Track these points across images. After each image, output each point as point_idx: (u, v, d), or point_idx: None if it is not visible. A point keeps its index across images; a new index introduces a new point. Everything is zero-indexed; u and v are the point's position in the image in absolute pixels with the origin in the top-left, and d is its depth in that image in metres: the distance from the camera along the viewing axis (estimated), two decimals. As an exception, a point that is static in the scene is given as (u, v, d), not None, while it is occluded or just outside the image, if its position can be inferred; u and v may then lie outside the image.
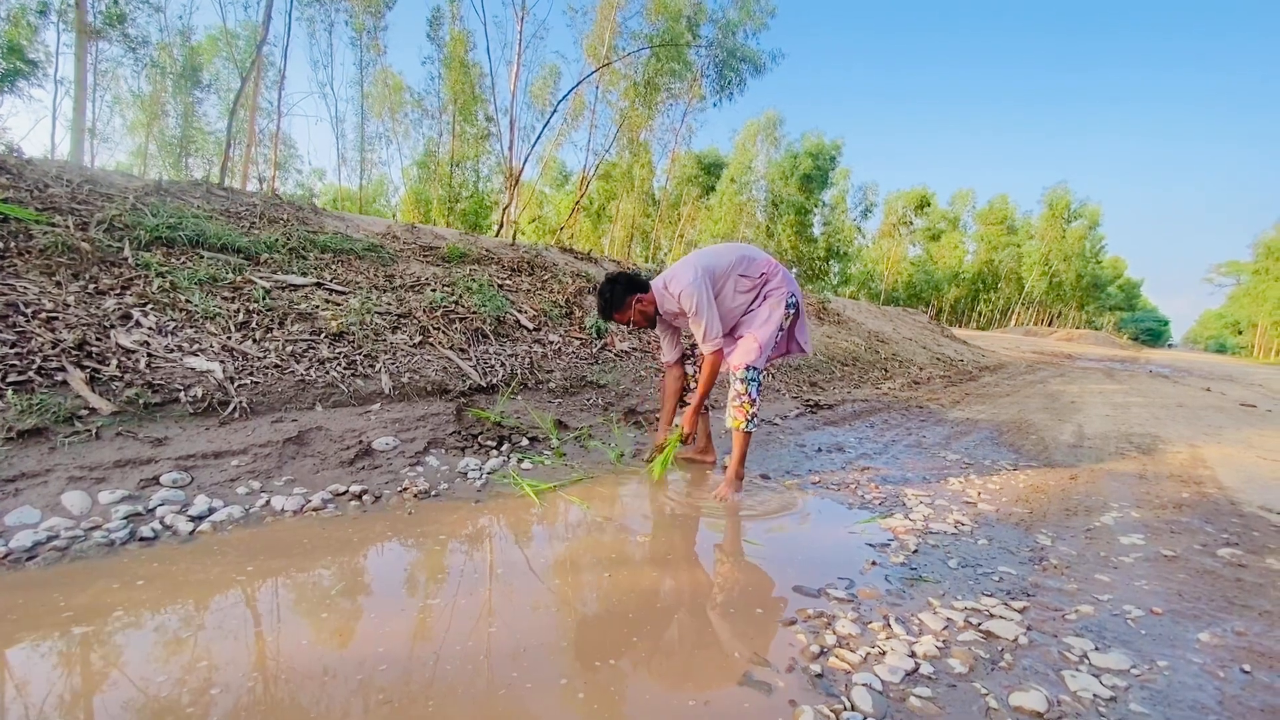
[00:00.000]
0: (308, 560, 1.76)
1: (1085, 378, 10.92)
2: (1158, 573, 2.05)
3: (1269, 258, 38.77)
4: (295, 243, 4.28)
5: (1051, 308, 56.40)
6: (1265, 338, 44.96)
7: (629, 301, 2.72)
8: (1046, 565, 2.07)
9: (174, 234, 3.62)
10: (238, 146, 18.96)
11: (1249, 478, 3.46)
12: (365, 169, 26.65)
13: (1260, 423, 5.97)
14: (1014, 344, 23.82)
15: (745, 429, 2.61)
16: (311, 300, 3.67)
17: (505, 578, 1.76)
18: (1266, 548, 2.34)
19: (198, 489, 2.10)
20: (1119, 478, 3.32)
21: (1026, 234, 52.69)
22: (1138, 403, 7.16)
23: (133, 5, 14.84)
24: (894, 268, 47.38)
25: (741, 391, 2.61)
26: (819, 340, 8.77)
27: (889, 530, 2.33)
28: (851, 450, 3.64)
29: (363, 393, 3.10)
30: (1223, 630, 1.66)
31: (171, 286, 3.21)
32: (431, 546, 1.93)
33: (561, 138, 21.87)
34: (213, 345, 2.92)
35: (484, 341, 4.18)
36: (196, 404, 2.54)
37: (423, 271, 4.87)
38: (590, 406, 3.88)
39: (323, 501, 2.15)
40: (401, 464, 2.57)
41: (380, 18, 23.93)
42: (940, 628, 1.58)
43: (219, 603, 1.51)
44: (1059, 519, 2.57)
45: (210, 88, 22.83)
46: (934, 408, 5.66)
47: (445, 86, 22.72)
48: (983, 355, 14.85)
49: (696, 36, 17.50)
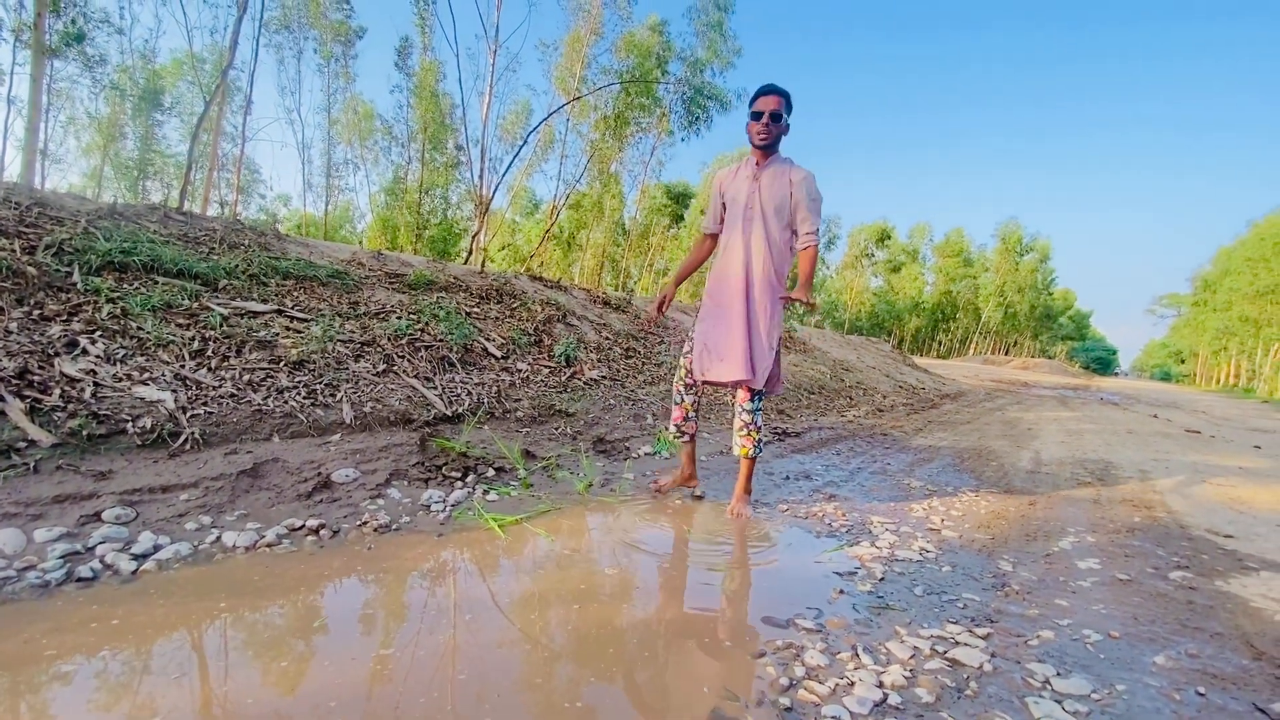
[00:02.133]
0: (259, 599, 1.68)
1: (1041, 405, 11.28)
2: (1114, 596, 2.10)
3: (1206, 290, 40.98)
4: (256, 269, 4.18)
5: (1007, 337, 58.48)
6: (1206, 366, 47.24)
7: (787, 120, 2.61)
8: (1008, 590, 2.11)
9: (127, 259, 3.51)
10: (199, 170, 18.59)
11: (1196, 502, 3.60)
12: (331, 195, 26.40)
13: (1205, 448, 6.23)
14: (973, 372, 24.54)
15: (754, 454, 2.71)
16: (271, 327, 3.58)
17: (468, 615, 1.70)
18: (1214, 570, 2.42)
19: (143, 525, 2.00)
20: (1075, 503, 3.42)
21: (982, 266, 54.91)
22: (1090, 429, 7.41)
23: (92, 25, 14.60)
24: (857, 298, 48.69)
25: (749, 421, 2.66)
26: (786, 369, 8.90)
27: (856, 558, 2.35)
28: (818, 478, 3.67)
29: (323, 423, 3.02)
30: (1177, 653, 1.71)
31: (122, 313, 3.10)
32: (391, 583, 1.87)
33: (532, 168, 22.12)
34: (165, 374, 2.81)
35: (450, 370, 4.12)
36: (145, 435, 2.43)
37: (388, 299, 4.81)
38: (558, 435, 3.84)
39: (277, 537, 2.06)
40: (362, 497, 2.49)
41: (350, 46, 24.01)
42: (907, 656, 1.59)
43: (159, 647, 1.42)
44: (1019, 544, 2.62)
45: (172, 110, 22.47)
46: (897, 435, 5.76)
47: (415, 115, 22.80)
48: (943, 383, 15.24)
49: (665, 73, 17.99)
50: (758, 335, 2.60)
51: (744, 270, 2.60)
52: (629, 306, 8.10)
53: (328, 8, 22.55)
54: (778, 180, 2.57)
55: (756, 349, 2.60)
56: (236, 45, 9.17)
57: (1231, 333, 35.94)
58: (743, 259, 2.60)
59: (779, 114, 2.52)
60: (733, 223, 2.67)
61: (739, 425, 2.69)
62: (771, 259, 2.58)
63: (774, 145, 2.58)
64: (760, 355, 2.60)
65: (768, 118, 2.52)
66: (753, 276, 2.59)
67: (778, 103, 2.52)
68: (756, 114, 2.54)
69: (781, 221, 2.58)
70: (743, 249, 2.60)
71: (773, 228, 2.57)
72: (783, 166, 2.59)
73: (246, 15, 9.83)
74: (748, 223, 2.60)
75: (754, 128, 2.55)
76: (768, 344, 2.60)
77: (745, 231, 2.61)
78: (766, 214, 2.57)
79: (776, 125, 2.54)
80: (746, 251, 2.60)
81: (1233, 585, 2.27)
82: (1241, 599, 2.14)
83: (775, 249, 2.59)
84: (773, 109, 2.51)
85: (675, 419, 2.90)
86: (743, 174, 2.67)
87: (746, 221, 2.61)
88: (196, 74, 20.07)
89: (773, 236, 2.58)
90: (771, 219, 2.57)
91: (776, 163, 2.60)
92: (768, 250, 2.58)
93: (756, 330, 2.60)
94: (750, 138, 2.59)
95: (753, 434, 2.67)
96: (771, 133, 2.54)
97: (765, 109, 2.52)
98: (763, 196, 2.58)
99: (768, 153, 2.60)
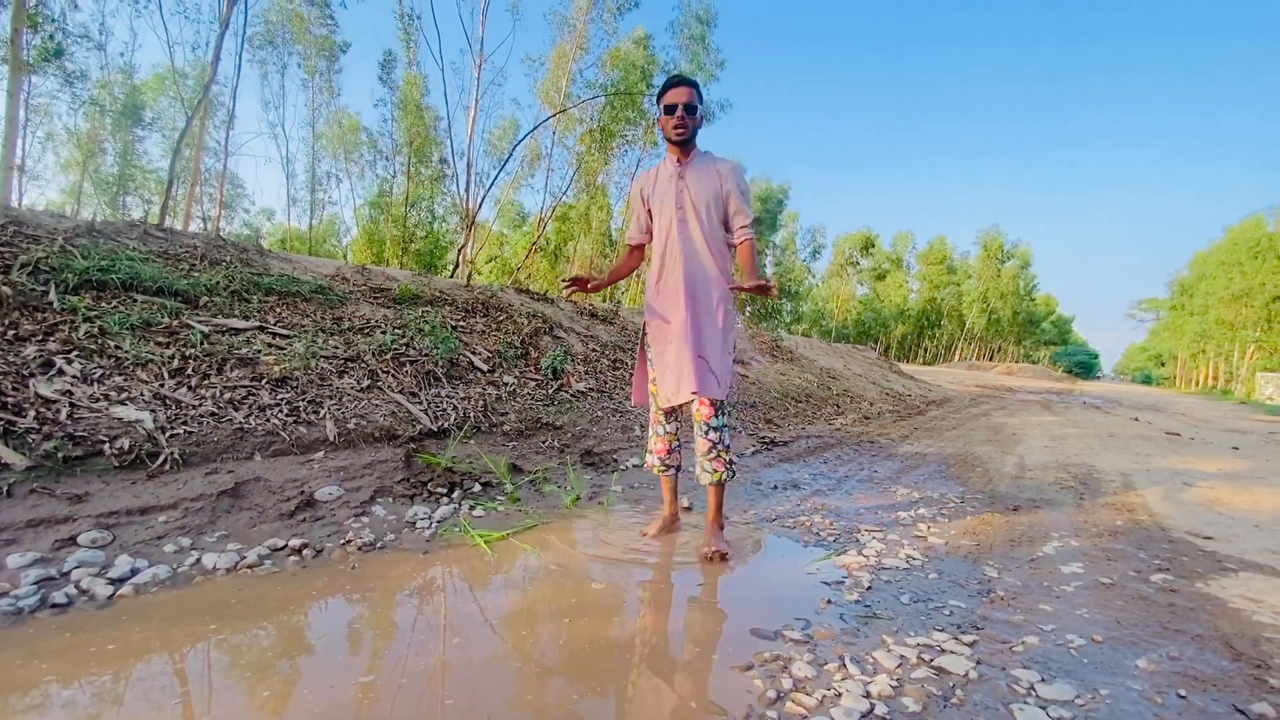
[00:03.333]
0: (239, 623, 1.65)
1: (1025, 410, 11.41)
2: (1097, 600, 2.12)
3: (1183, 295, 41.79)
4: (238, 285, 4.15)
5: (991, 343, 59.18)
6: (1185, 369, 48.09)
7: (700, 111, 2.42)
8: (994, 597, 2.12)
9: (105, 277, 3.47)
10: (181, 185, 18.43)
11: (1176, 504, 3.65)
12: (316, 209, 26.28)
13: (1185, 450, 6.33)
14: (959, 378, 24.79)
15: (726, 479, 2.43)
16: (253, 345, 3.54)
17: (455, 633, 1.69)
18: (1194, 572, 2.46)
19: (120, 548, 1.96)
20: (1059, 507, 3.45)
21: (965, 274, 55.61)
22: (1074, 433, 7.50)
23: (71, 40, 14.48)
24: (843, 306, 49.11)
25: (716, 440, 2.39)
26: (773, 378, 8.94)
27: (843, 567, 2.35)
28: (806, 487, 3.68)
29: (306, 440, 2.99)
30: (1159, 656, 1.72)
31: (100, 332, 3.05)
32: (376, 603, 1.85)
33: (520, 181, 22.14)
34: (143, 393, 2.77)
35: (436, 384, 4.10)
36: (122, 456, 2.39)
37: (373, 314, 4.78)
38: (546, 449, 3.83)
39: (259, 558, 2.03)
40: (346, 515, 2.46)
41: (334, 61, 24.01)
42: (894, 665, 1.59)
43: (135, 674, 1.39)
44: (1004, 550, 2.65)
45: (153, 126, 22.29)
46: (884, 442, 5.80)
47: (400, 129, 22.79)
48: (929, 390, 15.38)
49: (650, 86, 18.13)
50: (711, 340, 2.39)
51: (683, 274, 2.40)
52: (616, 318, 8.11)
53: (311, 23, 22.56)
54: (704, 175, 2.40)
55: (712, 355, 2.38)
56: (219, 61, 9.14)
57: (1208, 336, 36.65)
58: (681, 263, 2.40)
59: (693, 105, 2.34)
60: (663, 228, 2.46)
61: (704, 448, 2.39)
62: (712, 256, 2.41)
63: (692, 139, 2.42)
64: (716, 359, 2.38)
65: (682, 110, 2.34)
66: (694, 279, 2.40)
67: (690, 94, 2.34)
68: (669, 107, 2.35)
69: (716, 216, 2.40)
70: (680, 252, 2.41)
71: (707, 224, 2.40)
72: (706, 160, 2.43)
73: (229, 31, 9.81)
74: (681, 224, 2.41)
75: (668, 123, 2.36)
76: (723, 347, 2.40)
77: (680, 234, 2.41)
78: (699, 210, 2.39)
79: (692, 117, 2.36)
80: (684, 254, 2.40)
81: (1212, 587, 2.30)
82: (1221, 600, 2.17)
83: (714, 245, 2.41)
84: (685, 100, 2.33)
85: (658, 452, 2.58)
86: (664, 174, 2.47)
87: (680, 223, 2.41)
88: (178, 89, 19.94)
89: (710, 233, 2.40)
90: (705, 215, 2.39)
91: (699, 158, 2.44)
92: (707, 248, 2.40)
93: (706, 336, 2.39)
94: (665, 134, 2.41)
95: (722, 455, 2.39)
96: (689, 125, 2.36)
97: (678, 101, 2.34)
98: (692, 194, 2.40)
99: (687, 148, 2.42)
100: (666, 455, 2.58)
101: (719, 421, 2.39)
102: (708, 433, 2.38)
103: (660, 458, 2.59)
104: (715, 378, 2.36)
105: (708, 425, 2.38)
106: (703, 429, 2.39)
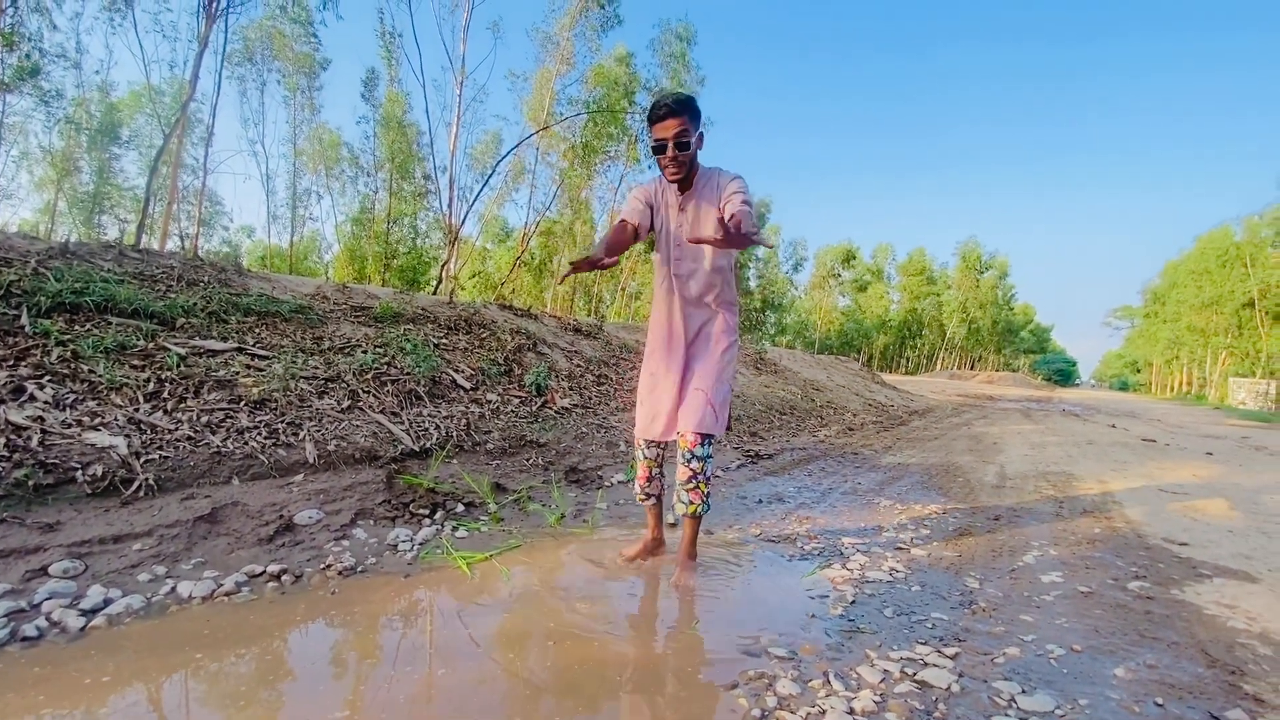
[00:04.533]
0: (216, 652, 1.62)
1: (1005, 419, 11.56)
2: (1076, 609, 2.15)
3: (1156, 303, 42.77)
4: (216, 306, 4.10)
5: (972, 352, 60.02)
6: (1160, 375, 49.08)
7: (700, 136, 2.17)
8: (976, 608, 2.14)
9: (79, 299, 3.41)
10: (158, 203, 18.22)
11: (1152, 511, 3.71)
12: (296, 225, 26.10)
13: (1160, 457, 6.45)
14: (940, 387, 25.07)
15: (703, 512, 2.26)
16: (231, 366, 3.50)
17: (438, 657, 1.67)
18: (1170, 578, 2.50)
19: (92, 578, 1.91)
20: (1038, 516, 3.50)
21: (945, 284, 56.52)
22: (1053, 441, 7.62)
23: (47, 59, 14.33)
24: (826, 317, 49.60)
25: (699, 470, 2.21)
26: (757, 390, 8.99)
27: (828, 581, 2.36)
28: (791, 500, 3.69)
29: (285, 463, 2.95)
30: (1136, 664, 1.75)
31: (73, 356, 3.00)
32: (357, 628, 1.82)
33: (504, 197, 22.19)
34: (117, 418, 2.73)
35: (418, 403, 4.07)
36: (95, 483, 2.34)
37: (354, 332, 4.75)
38: (530, 467, 3.81)
39: (236, 585, 2.00)
40: (326, 539, 2.43)
41: (315, 78, 23.99)
42: (877, 680, 1.60)
43: (108, 708, 1.36)
44: (985, 560, 2.67)
45: (130, 143, 22.06)
46: (868, 453, 5.84)
47: (382, 145, 22.76)
48: (911, 400, 15.53)
49: (632, 103, 18.32)
50: (708, 372, 2.27)
51: (688, 307, 2.30)
52: (600, 333, 8.12)
53: (293, 40, 22.53)
54: (707, 201, 2.17)
55: (710, 387, 2.24)
56: (198, 79, 9.11)
57: (1181, 343, 37.49)
58: (686, 296, 2.28)
59: (685, 141, 2.06)
60: (667, 258, 2.30)
61: (684, 476, 2.22)
62: (720, 285, 2.29)
63: (691, 171, 2.17)
64: (714, 390, 2.24)
65: (672, 149, 2.05)
66: (698, 313, 2.31)
67: (679, 125, 2.04)
68: (659, 146, 2.08)
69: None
70: (684, 284, 2.27)
71: (713, 254, 2.24)
72: (710, 185, 2.18)
73: (208, 49, 9.77)
74: (683, 253, 2.25)
75: (661, 162, 2.12)
76: (718, 378, 2.27)
77: (685, 266, 2.26)
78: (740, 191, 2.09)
79: (685, 152, 2.07)
80: (688, 287, 2.27)
81: (1188, 593, 2.35)
82: (1196, 607, 2.21)
83: (721, 274, 2.27)
84: (675, 135, 2.04)
85: (639, 479, 2.47)
86: (669, 199, 2.25)
87: (683, 252, 2.25)
88: (155, 106, 19.77)
89: (715, 260, 2.24)
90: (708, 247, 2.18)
91: (702, 182, 2.19)
92: (712, 277, 2.26)
93: (704, 367, 2.28)
94: (662, 173, 2.19)
95: (700, 486, 2.22)
96: (683, 163, 2.10)
97: (666, 137, 2.05)
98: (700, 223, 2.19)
99: (685, 184, 2.19)
100: (646, 483, 2.45)
101: (704, 451, 2.21)
102: (690, 461, 2.21)
103: (641, 485, 2.47)
104: (713, 410, 2.22)
105: (691, 453, 2.20)
106: (685, 456, 2.22)
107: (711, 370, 2.28)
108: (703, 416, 2.20)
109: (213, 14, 9.35)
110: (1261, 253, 28.14)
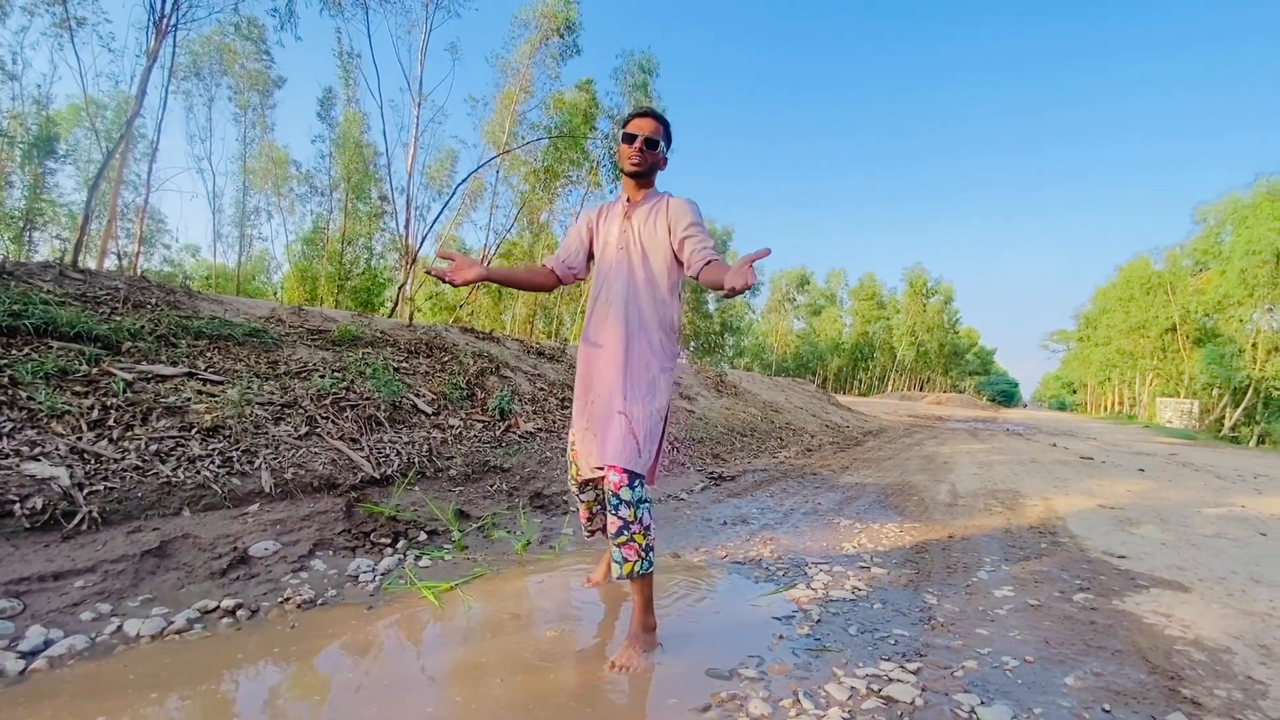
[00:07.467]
0: (164, 693, 1.55)
1: (954, 438, 11.99)
2: (1027, 622, 2.25)
3: (1089, 327, 45.22)
4: (165, 329, 3.94)
5: (921, 374, 62.10)
6: (1094, 395, 51.69)
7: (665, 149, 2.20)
8: (935, 623, 2.22)
9: (17, 322, 3.24)
10: (98, 221, 17.39)
11: (1092, 525, 3.91)
12: (244, 244, 25.28)
13: (1098, 474, 6.80)
14: (892, 408, 25.81)
15: (643, 572, 1.91)
16: (182, 392, 3.37)
17: (402, 690, 1.63)
18: (1111, 590, 2.64)
19: (31, 618, 1.80)
20: (989, 533, 3.64)
21: (894, 309, 58.56)
22: (999, 460, 7.94)
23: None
24: (782, 340, 50.66)
25: (630, 518, 1.88)
26: (719, 412, 9.10)
27: (794, 601, 2.41)
28: (754, 521, 3.75)
29: (239, 493, 2.84)
30: (1084, 672, 1.84)
31: (10, 382, 2.84)
32: (316, 664, 1.76)
33: (461, 217, 22.00)
34: (59, 447, 2.59)
35: (378, 429, 3.99)
36: (34, 516, 2.21)
37: (311, 356, 4.62)
38: (494, 493, 3.76)
39: (188, 622, 1.91)
40: (283, 571, 2.35)
41: (269, 95, 23.50)
42: (845, 698, 1.64)
43: (53, 759, 1.28)
44: (942, 577, 2.77)
45: (67, 158, 21.06)
46: (826, 474, 5.97)
47: (338, 165, 22.37)
48: (865, 421, 15.94)
49: (593, 129, 18.55)
50: (636, 395, 2.02)
51: (621, 323, 2.07)
52: (563, 355, 8.11)
53: (244, 57, 22.06)
54: (653, 215, 2.13)
55: (635, 413, 1.99)
56: (145, 94, 8.81)
57: (1113, 365, 39.62)
58: (618, 307, 2.09)
59: (655, 140, 2.11)
60: (604, 272, 2.18)
61: (613, 528, 1.90)
62: (654, 304, 2.11)
63: (647, 174, 2.16)
64: (641, 419, 1.99)
65: (641, 142, 2.10)
66: (630, 329, 2.07)
67: (655, 128, 2.11)
68: (629, 136, 2.10)
69: (661, 261, 2.10)
70: (618, 296, 2.09)
71: (650, 269, 2.11)
72: (657, 200, 2.15)
73: (156, 64, 9.48)
74: (620, 264, 2.12)
75: (625, 152, 2.12)
76: (647, 406, 2.02)
77: (620, 276, 2.12)
78: (647, 253, 2.10)
79: (652, 153, 2.12)
80: (622, 298, 2.09)
81: (1128, 603, 2.48)
82: (1136, 616, 2.34)
83: (656, 292, 2.11)
84: (648, 134, 2.10)
85: (581, 518, 2.37)
86: (613, 213, 2.21)
87: (619, 264, 2.12)
88: (94, 120, 18.96)
89: (651, 279, 2.11)
90: (649, 259, 2.11)
91: (652, 198, 2.16)
92: (649, 294, 2.10)
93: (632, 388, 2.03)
94: (620, 164, 2.16)
95: (638, 539, 1.88)
96: (645, 160, 2.11)
97: (640, 132, 2.10)
98: (639, 236, 2.12)
99: (640, 183, 2.16)
100: (588, 522, 2.35)
101: (632, 494, 1.89)
102: (618, 508, 1.88)
103: (584, 524, 2.37)
104: (635, 442, 1.94)
105: (618, 498, 1.88)
106: (612, 503, 1.90)
107: (639, 395, 2.02)
108: (622, 447, 1.92)
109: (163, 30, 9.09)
110: (1182, 281, 30.15)
